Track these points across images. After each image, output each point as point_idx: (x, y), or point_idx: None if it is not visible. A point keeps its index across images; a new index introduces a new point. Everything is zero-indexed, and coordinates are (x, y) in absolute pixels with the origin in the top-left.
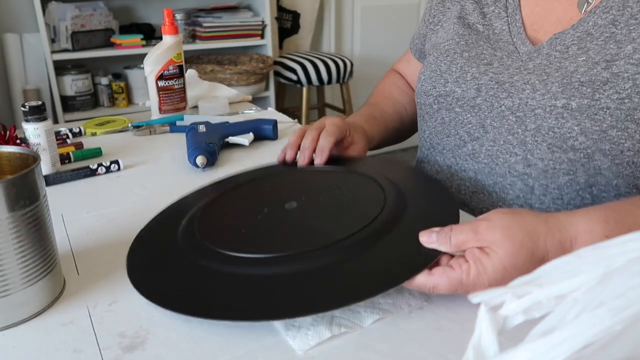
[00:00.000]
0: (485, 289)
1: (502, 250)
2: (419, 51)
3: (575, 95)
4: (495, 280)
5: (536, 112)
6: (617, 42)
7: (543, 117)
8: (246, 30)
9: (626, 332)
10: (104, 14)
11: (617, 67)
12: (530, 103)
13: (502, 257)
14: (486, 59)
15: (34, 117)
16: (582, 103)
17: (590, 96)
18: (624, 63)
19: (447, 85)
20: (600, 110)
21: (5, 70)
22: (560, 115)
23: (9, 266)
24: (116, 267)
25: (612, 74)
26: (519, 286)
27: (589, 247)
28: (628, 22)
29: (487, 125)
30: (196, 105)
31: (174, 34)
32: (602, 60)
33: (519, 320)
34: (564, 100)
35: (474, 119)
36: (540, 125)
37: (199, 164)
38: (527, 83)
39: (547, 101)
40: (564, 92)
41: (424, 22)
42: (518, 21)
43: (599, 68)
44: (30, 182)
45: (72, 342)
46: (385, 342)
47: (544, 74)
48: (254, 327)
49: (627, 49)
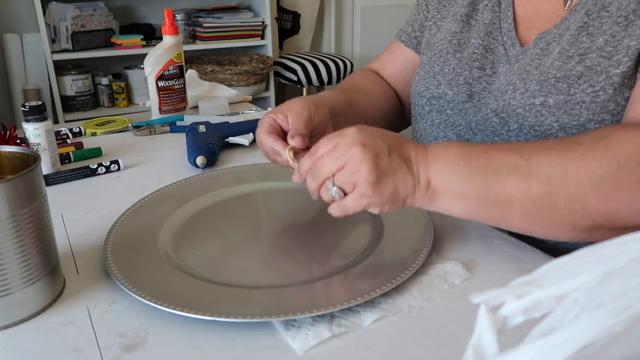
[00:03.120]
0: (371, 167)
1: (350, 131)
2: (415, 39)
3: (552, 92)
4: (370, 148)
5: (517, 111)
6: (590, 34)
7: (524, 117)
8: (246, 30)
9: (626, 332)
10: (104, 14)
11: (589, 60)
12: (512, 103)
13: (354, 132)
14: (478, 60)
15: (34, 117)
16: (559, 99)
17: (566, 92)
18: (596, 56)
19: (439, 87)
20: (577, 105)
21: (5, 70)
22: (539, 113)
23: (9, 266)
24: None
25: (586, 67)
26: (519, 286)
27: (589, 248)
28: (600, 14)
29: (474, 127)
30: (196, 105)
31: (174, 34)
32: (576, 54)
33: (519, 320)
34: (542, 97)
35: (463, 121)
36: (522, 125)
37: (199, 164)
38: (509, 84)
39: (526, 100)
40: (541, 89)
41: (426, 11)
42: (509, 18)
43: (573, 62)
44: (31, 182)
45: (72, 341)
46: (385, 342)
47: (524, 72)
48: (254, 327)
49: (598, 41)
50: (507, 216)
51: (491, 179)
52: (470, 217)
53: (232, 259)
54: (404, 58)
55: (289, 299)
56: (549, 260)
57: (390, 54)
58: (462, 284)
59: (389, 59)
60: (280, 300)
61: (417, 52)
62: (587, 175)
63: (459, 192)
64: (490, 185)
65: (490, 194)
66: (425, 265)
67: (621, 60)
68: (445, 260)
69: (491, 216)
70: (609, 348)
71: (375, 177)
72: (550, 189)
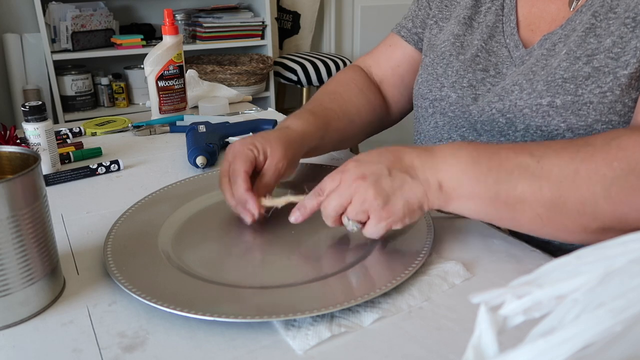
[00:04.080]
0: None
1: (350, 166)
2: (416, 35)
3: (560, 92)
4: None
5: (524, 112)
6: (597, 35)
7: (530, 117)
8: (246, 30)
9: (626, 332)
10: (104, 14)
11: (597, 61)
12: (518, 104)
13: (353, 167)
14: (481, 63)
15: (34, 117)
16: (566, 100)
17: (573, 92)
18: (604, 57)
19: (442, 89)
20: (584, 105)
21: (5, 70)
22: (546, 114)
23: (9, 266)
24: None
25: (594, 68)
26: (519, 286)
27: (589, 248)
28: (607, 16)
29: (479, 128)
30: (196, 105)
31: (174, 34)
32: (584, 55)
33: (518, 320)
34: (549, 98)
35: (466, 122)
36: (528, 125)
37: (199, 164)
38: (515, 84)
39: (533, 100)
40: (548, 90)
41: (428, 8)
42: (512, 21)
43: (581, 63)
44: (31, 182)
45: (72, 341)
46: (385, 342)
47: (530, 73)
48: (253, 327)
49: (606, 42)
50: (518, 217)
51: (502, 180)
52: (483, 217)
53: (232, 259)
54: (402, 53)
55: (289, 299)
56: (549, 260)
57: (388, 48)
58: (462, 284)
59: (386, 53)
60: (280, 300)
61: (417, 49)
62: (598, 178)
63: (470, 192)
64: (502, 185)
65: (501, 195)
66: (425, 265)
67: (629, 61)
68: (445, 260)
69: (502, 216)
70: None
71: (382, 200)
72: (561, 190)
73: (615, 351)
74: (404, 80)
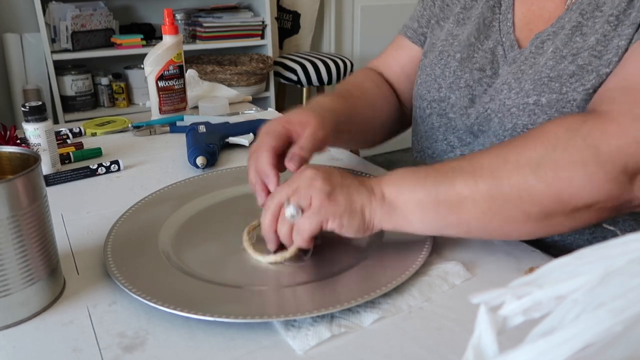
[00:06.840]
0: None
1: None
2: (422, 35)
3: (545, 91)
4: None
5: (512, 111)
6: (583, 34)
7: (517, 116)
8: (246, 30)
9: (626, 332)
10: (104, 14)
11: (582, 59)
12: (507, 103)
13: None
14: (478, 62)
15: (34, 117)
16: (551, 98)
17: (558, 90)
18: (587, 55)
19: (441, 90)
20: (568, 103)
21: (5, 70)
22: (532, 112)
23: (9, 266)
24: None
25: (578, 66)
26: (519, 286)
27: (589, 248)
28: (593, 14)
29: (476, 130)
30: (196, 105)
31: (174, 34)
32: (569, 54)
33: (518, 320)
34: (535, 97)
35: (463, 125)
36: (515, 124)
37: (199, 164)
38: (505, 83)
39: (520, 99)
40: (535, 88)
41: (433, 7)
42: (509, 20)
43: (566, 62)
44: (31, 182)
45: (72, 341)
46: (385, 342)
47: (519, 72)
48: (253, 327)
49: (590, 40)
50: (464, 218)
51: (440, 182)
52: (432, 226)
53: (232, 259)
54: (409, 54)
55: (289, 299)
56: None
57: (395, 50)
58: (462, 284)
59: (394, 55)
60: (280, 300)
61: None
62: (525, 161)
63: (411, 198)
64: (440, 186)
65: (441, 195)
66: (425, 265)
67: (611, 59)
68: (445, 260)
69: (449, 221)
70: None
71: (329, 188)
72: (494, 179)
73: (615, 351)
74: (412, 81)
